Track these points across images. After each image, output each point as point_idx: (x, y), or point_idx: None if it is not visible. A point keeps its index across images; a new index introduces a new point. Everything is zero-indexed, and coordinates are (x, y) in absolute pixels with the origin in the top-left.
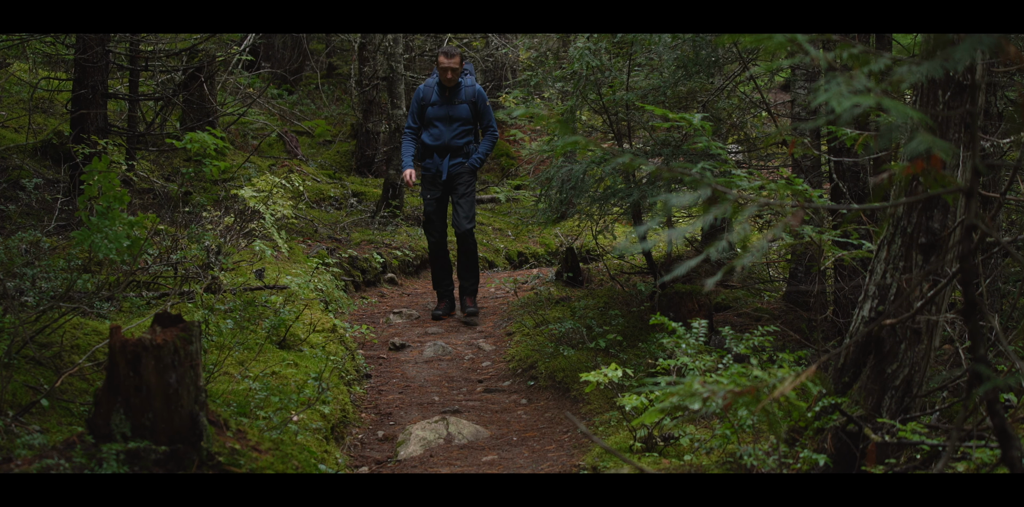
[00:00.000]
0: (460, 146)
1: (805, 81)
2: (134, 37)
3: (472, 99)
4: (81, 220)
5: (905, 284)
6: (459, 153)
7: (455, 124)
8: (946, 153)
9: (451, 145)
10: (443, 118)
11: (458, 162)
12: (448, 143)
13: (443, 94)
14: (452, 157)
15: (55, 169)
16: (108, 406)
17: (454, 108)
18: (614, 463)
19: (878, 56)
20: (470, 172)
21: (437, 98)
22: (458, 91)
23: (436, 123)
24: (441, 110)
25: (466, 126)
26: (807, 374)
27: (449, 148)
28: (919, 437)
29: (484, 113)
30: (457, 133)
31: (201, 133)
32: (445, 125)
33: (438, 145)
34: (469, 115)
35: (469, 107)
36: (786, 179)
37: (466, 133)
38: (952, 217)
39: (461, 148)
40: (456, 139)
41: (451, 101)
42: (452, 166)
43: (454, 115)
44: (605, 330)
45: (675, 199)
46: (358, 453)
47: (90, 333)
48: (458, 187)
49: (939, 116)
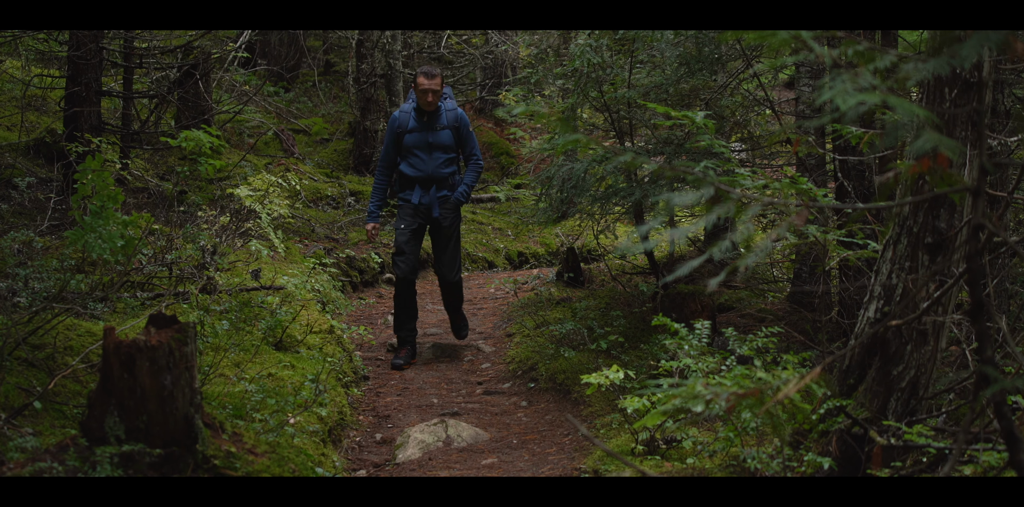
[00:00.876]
0: (445, 176)
1: (809, 78)
2: (128, 34)
3: (454, 124)
4: (74, 219)
5: (911, 284)
6: (444, 184)
7: (436, 153)
8: (952, 151)
9: (435, 175)
10: (423, 146)
11: (444, 195)
12: (432, 173)
13: (421, 119)
14: (438, 189)
15: (48, 168)
16: (102, 408)
17: (435, 134)
18: (616, 466)
19: (884, 53)
20: (455, 208)
21: (415, 124)
22: (438, 116)
23: (416, 152)
24: (420, 137)
25: (449, 154)
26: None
27: (434, 179)
28: (925, 440)
29: (467, 140)
30: (440, 162)
31: (196, 131)
32: (426, 154)
33: (421, 176)
34: (452, 142)
35: (451, 133)
36: (790, 178)
37: (450, 162)
38: (959, 216)
39: (446, 179)
40: (441, 168)
41: (431, 127)
42: (439, 199)
43: (435, 142)
44: (606, 331)
45: (678, 198)
46: (356, 456)
47: (84, 334)
48: (443, 228)
49: (946, 114)
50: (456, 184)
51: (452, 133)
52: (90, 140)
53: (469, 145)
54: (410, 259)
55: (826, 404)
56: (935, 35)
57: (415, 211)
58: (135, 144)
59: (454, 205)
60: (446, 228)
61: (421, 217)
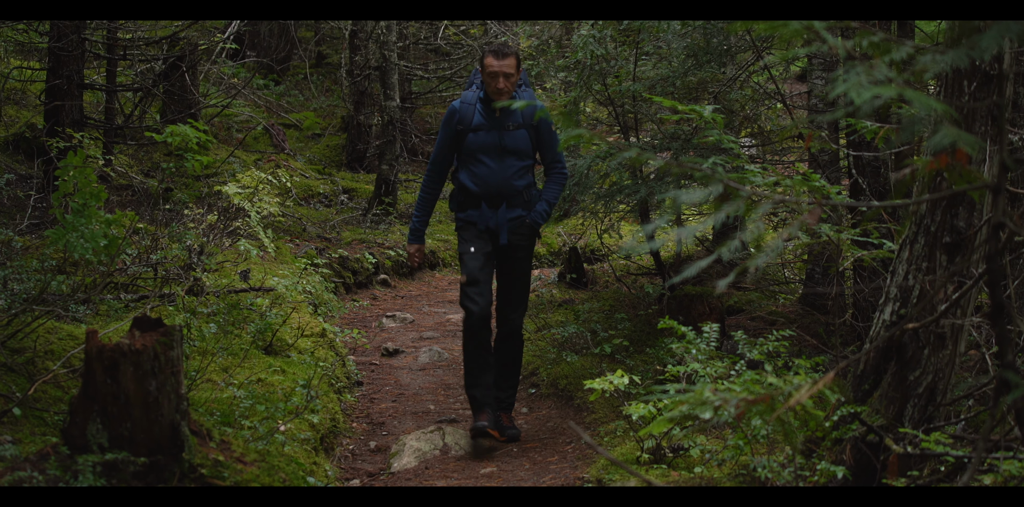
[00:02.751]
0: (519, 190)
1: (823, 71)
2: (112, 24)
3: (531, 120)
4: (55, 218)
5: (928, 286)
6: (517, 201)
7: (510, 159)
8: (972, 147)
9: (507, 189)
10: (493, 150)
11: (517, 216)
12: (502, 186)
13: (491, 114)
14: (509, 207)
15: (28, 164)
16: (84, 415)
17: (508, 135)
18: (620, 476)
19: (900, 44)
20: (531, 234)
21: (482, 120)
22: (512, 110)
23: (482, 158)
24: (489, 138)
25: (525, 161)
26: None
27: (504, 194)
28: (943, 448)
29: (549, 143)
30: (514, 171)
31: (182, 126)
32: (496, 160)
33: (488, 191)
34: (529, 146)
35: (528, 133)
36: (802, 175)
37: (525, 171)
38: (978, 215)
39: (520, 193)
40: (514, 179)
41: (503, 125)
42: (511, 221)
43: (509, 145)
44: (611, 335)
45: (685, 196)
46: (349, 465)
47: (65, 338)
48: (514, 257)
49: (964, 108)
50: (532, 200)
51: (530, 133)
52: (72, 135)
53: (552, 149)
54: (486, 291)
55: (840, 411)
56: (953, 25)
57: (481, 233)
58: (119, 139)
59: (530, 230)
60: (518, 260)
61: (489, 240)
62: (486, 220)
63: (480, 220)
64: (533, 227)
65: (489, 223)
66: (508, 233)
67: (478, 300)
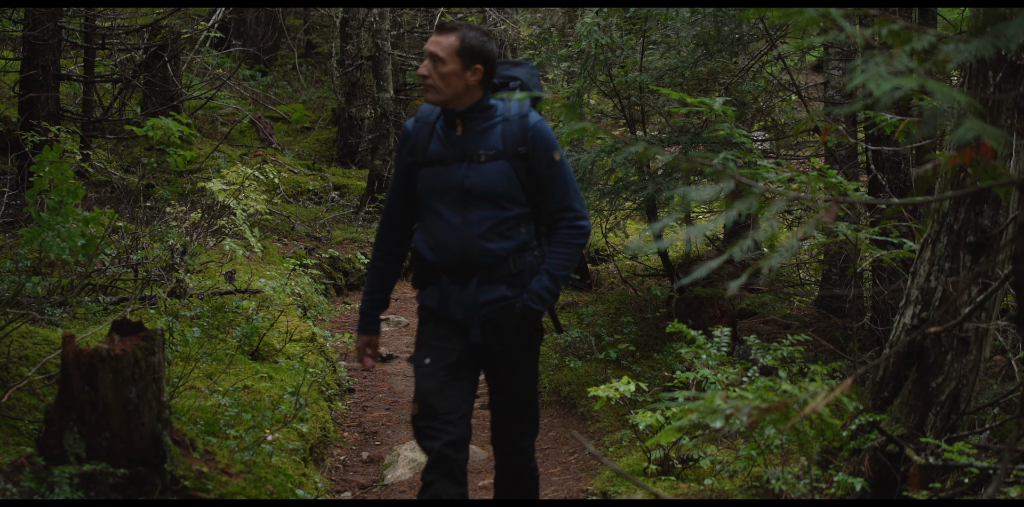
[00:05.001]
0: (499, 258)
1: (840, 61)
2: (89, 11)
3: (519, 144)
4: (30, 216)
5: (951, 288)
6: (498, 274)
7: (480, 208)
8: (997, 141)
9: (477, 256)
10: (452, 194)
11: (499, 298)
12: (468, 251)
13: (451, 138)
14: (484, 283)
15: (1, 159)
16: (60, 424)
17: (476, 170)
18: (626, 488)
19: (921, 33)
20: (523, 325)
21: (439, 148)
22: (486, 132)
23: (439, 207)
24: (447, 175)
25: (506, 210)
26: (842, 388)
27: (473, 264)
28: (967, 459)
29: (552, 180)
30: (488, 227)
31: (164, 119)
32: (457, 210)
33: (447, 259)
34: (512, 186)
35: (513, 167)
36: (818, 170)
37: (509, 227)
38: (1004, 213)
39: (502, 263)
40: (487, 240)
41: (469, 154)
42: (487, 306)
43: (476, 186)
44: (616, 339)
45: (694, 193)
46: (340, 476)
47: (40, 342)
48: (504, 362)
49: (989, 100)
50: (527, 273)
51: (515, 166)
52: (47, 128)
53: (557, 189)
54: (454, 420)
55: (858, 419)
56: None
57: (444, 328)
58: (97, 133)
59: (523, 318)
60: (511, 366)
61: (459, 339)
62: (448, 304)
63: (439, 304)
64: (527, 316)
65: (453, 311)
66: (485, 326)
67: (437, 444)
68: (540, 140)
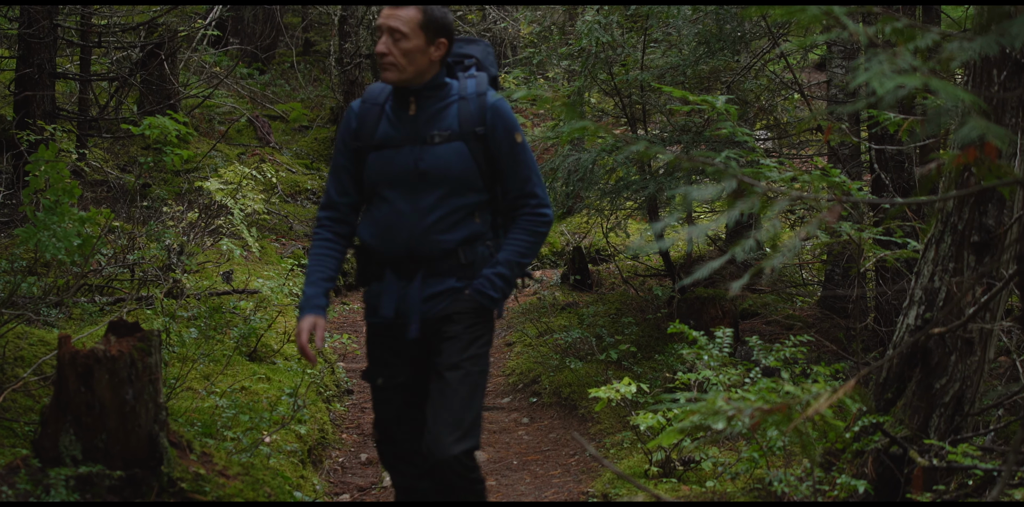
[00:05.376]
0: (449, 249)
1: (843, 59)
2: (86, 9)
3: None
4: (26, 216)
5: (956, 288)
6: (447, 266)
7: (432, 194)
8: (1002, 140)
9: (426, 247)
10: (402, 179)
11: (445, 290)
12: (417, 242)
13: (403, 119)
14: (427, 277)
15: None
16: (56, 426)
17: (430, 153)
18: (627, 490)
19: (925, 31)
20: (475, 313)
21: (389, 130)
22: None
23: (387, 193)
24: (398, 159)
25: (462, 197)
26: (845, 389)
27: (421, 256)
28: (971, 461)
29: (513, 162)
30: (441, 216)
31: (161, 118)
32: (407, 197)
33: (393, 250)
34: (469, 169)
35: (470, 149)
36: (821, 169)
37: (464, 215)
38: (1009, 212)
39: (452, 254)
40: (438, 231)
41: (422, 135)
42: (431, 301)
43: (430, 169)
44: (617, 340)
45: (696, 192)
46: (339, 478)
47: (36, 343)
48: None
49: (994, 98)
50: (478, 263)
51: (472, 148)
52: (43, 127)
53: (518, 172)
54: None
55: (861, 421)
56: (982, 11)
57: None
58: (93, 132)
59: (474, 307)
60: (450, 345)
61: (408, 352)
62: (391, 302)
63: (384, 303)
64: (477, 306)
65: (399, 305)
66: (427, 322)
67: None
68: (499, 120)
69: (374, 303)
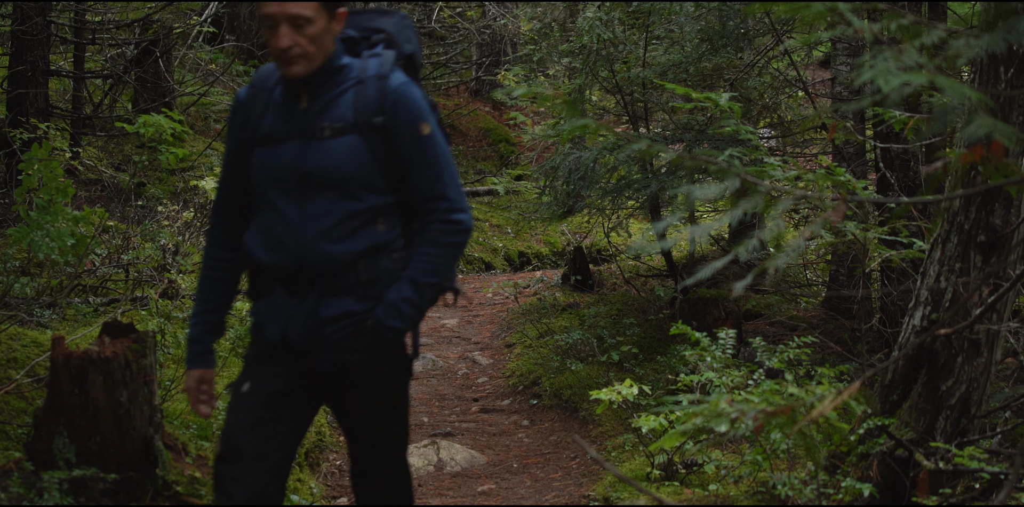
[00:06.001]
0: (347, 262)
1: (847, 56)
2: (79, 6)
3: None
4: (19, 215)
5: (962, 288)
6: (346, 283)
7: (323, 198)
8: (1009, 138)
9: (319, 259)
10: (288, 180)
11: (342, 314)
12: (308, 254)
13: (293, 108)
14: (327, 294)
15: None
16: (50, 428)
17: (319, 149)
18: (629, 493)
19: (931, 27)
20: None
21: (276, 122)
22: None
23: (273, 197)
24: (284, 156)
25: (357, 199)
26: (850, 391)
27: (314, 270)
28: (978, 464)
29: (420, 158)
30: (334, 223)
31: (156, 116)
32: (294, 201)
33: (281, 262)
34: (367, 167)
35: (367, 143)
36: (826, 168)
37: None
38: (1016, 211)
39: (351, 268)
40: (328, 242)
41: (312, 128)
42: (333, 323)
43: (317, 169)
44: (618, 341)
45: (699, 191)
46: (336, 482)
47: (29, 345)
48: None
49: (1001, 96)
50: (382, 280)
51: (369, 143)
52: (36, 125)
53: (425, 170)
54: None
55: (866, 423)
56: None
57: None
58: (87, 130)
59: (375, 339)
60: (356, 406)
61: (293, 366)
62: (280, 321)
63: (270, 321)
64: (380, 336)
65: (289, 329)
66: (334, 349)
67: (236, 493)
68: (403, 107)
69: (260, 322)
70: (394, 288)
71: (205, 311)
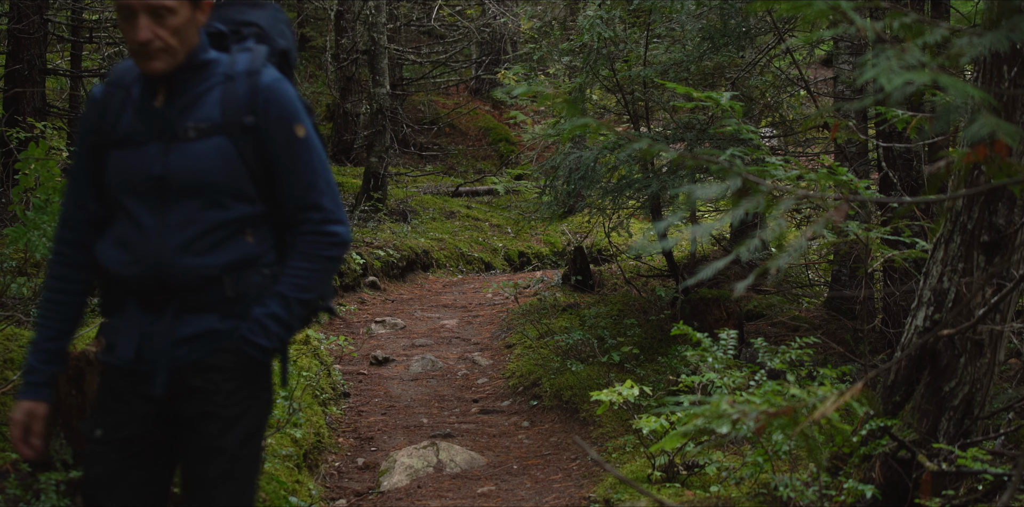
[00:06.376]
0: (209, 276)
1: (850, 55)
2: (77, 4)
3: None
4: (15, 215)
5: (965, 289)
6: (204, 300)
7: (183, 206)
8: (1012, 137)
9: (174, 273)
10: (144, 182)
11: (203, 332)
12: (165, 267)
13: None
14: (181, 312)
15: None
16: (47, 430)
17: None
18: (630, 495)
19: (934, 26)
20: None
21: (133, 122)
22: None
23: (129, 204)
24: (141, 160)
25: (223, 208)
26: (852, 392)
27: (170, 285)
28: (981, 465)
29: (292, 162)
30: (195, 232)
31: None
32: (152, 209)
33: (133, 276)
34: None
35: (232, 143)
36: (828, 168)
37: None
38: (1019, 211)
39: (213, 283)
40: (190, 254)
41: (173, 128)
42: (184, 346)
43: (174, 171)
44: (619, 342)
45: (700, 191)
46: (335, 483)
47: (26, 345)
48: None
49: (1004, 95)
50: (251, 296)
51: (237, 142)
52: (33, 124)
53: (298, 176)
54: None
55: (868, 424)
56: (992, 6)
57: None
58: None
59: (237, 365)
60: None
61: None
62: (131, 342)
63: (122, 342)
64: (245, 356)
65: (144, 348)
66: (177, 374)
67: None
68: (276, 106)
69: (111, 340)
70: (260, 304)
71: (46, 338)
